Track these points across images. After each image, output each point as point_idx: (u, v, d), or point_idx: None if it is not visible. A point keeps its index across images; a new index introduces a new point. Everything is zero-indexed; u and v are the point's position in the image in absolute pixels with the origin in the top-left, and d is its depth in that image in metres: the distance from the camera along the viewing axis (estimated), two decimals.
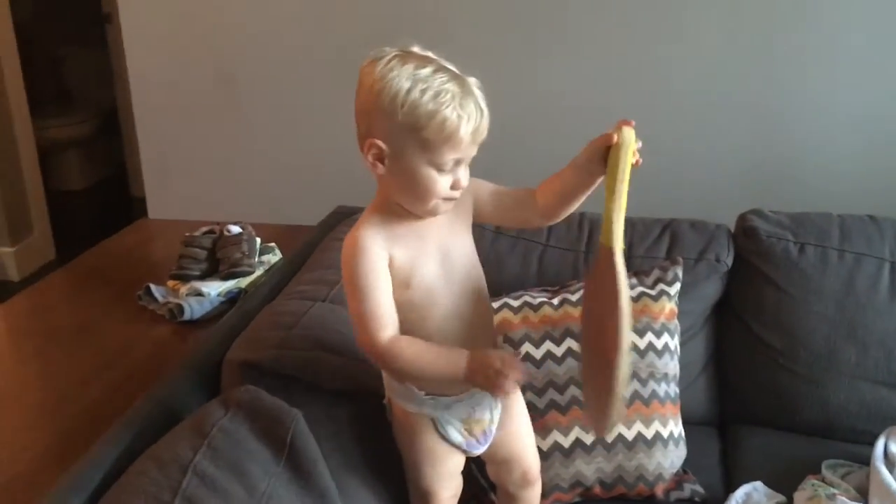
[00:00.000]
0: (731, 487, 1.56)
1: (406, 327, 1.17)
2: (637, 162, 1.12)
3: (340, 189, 2.03)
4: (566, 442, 1.52)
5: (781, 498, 1.51)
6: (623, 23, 2.46)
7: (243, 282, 1.73)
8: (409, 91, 1.07)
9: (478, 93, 1.11)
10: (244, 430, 1.14)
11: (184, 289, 1.68)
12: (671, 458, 1.56)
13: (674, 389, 1.62)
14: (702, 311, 1.79)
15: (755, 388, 1.77)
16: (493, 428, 1.30)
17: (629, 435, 1.54)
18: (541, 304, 1.62)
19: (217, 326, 1.49)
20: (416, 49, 1.13)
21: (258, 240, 1.84)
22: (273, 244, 1.89)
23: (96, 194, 4.90)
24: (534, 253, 1.79)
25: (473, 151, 1.13)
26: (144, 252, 1.88)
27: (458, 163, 1.12)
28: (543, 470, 1.49)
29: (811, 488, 1.48)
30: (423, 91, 1.07)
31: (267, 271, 1.77)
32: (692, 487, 1.57)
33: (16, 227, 3.75)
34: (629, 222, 1.80)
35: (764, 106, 2.46)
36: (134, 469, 1.08)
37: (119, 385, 1.44)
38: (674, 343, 1.64)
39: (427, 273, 1.18)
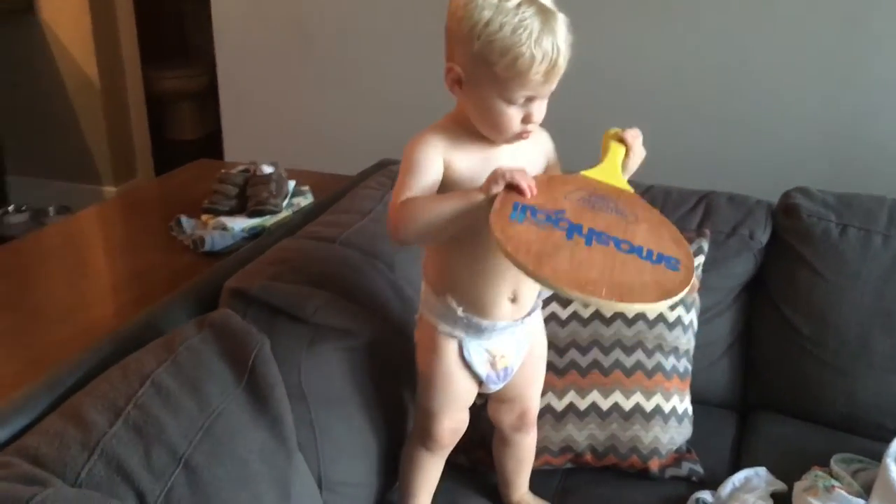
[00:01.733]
0: (735, 471, 1.50)
1: (465, 237, 1.16)
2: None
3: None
4: (559, 406, 1.50)
5: (781, 485, 1.44)
6: None
7: (269, 220, 1.78)
8: (487, 23, 1.06)
9: (562, 30, 1.08)
10: (211, 350, 1.18)
11: (211, 222, 1.76)
12: (671, 434, 1.51)
13: (684, 365, 1.56)
14: (730, 289, 1.71)
15: (780, 374, 1.68)
16: (515, 367, 1.31)
17: (626, 405, 1.49)
18: None
19: (228, 258, 1.55)
20: None
21: (291, 182, 1.89)
22: (306, 187, 1.93)
23: (206, 144, 5.14)
24: None
25: (549, 89, 1.11)
26: (195, 188, 1.97)
27: (530, 99, 1.10)
28: None
29: (812, 478, 1.40)
30: (502, 25, 1.05)
31: (295, 213, 1.82)
32: (691, 466, 1.52)
33: (120, 169, 3.99)
34: (665, 190, 1.75)
35: (852, 83, 2.30)
36: (103, 375, 1.14)
37: (128, 304, 1.53)
38: (689, 317, 1.58)
39: None
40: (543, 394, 1.49)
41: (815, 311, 1.63)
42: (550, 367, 1.51)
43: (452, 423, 1.33)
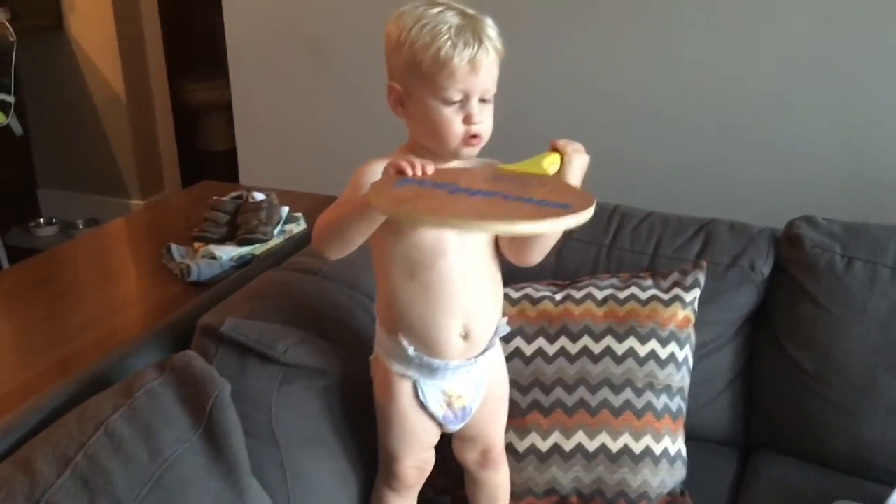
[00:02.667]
0: None
1: (413, 270, 1.18)
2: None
3: None
4: (544, 446, 1.45)
5: None
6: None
7: (258, 248, 1.76)
8: (410, 28, 1.10)
9: (485, 28, 1.10)
10: (170, 394, 1.16)
11: (201, 250, 1.74)
12: (661, 477, 1.45)
13: (677, 404, 1.50)
14: (731, 322, 1.64)
15: (783, 412, 1.61)
16: (473, 407, 1.28)
17: (614, 447, 1.44)
18: (541, 298, 1.55)
19: (209, 291, 1.53)
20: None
21: (285, 208, 1.87)
22: (300, 214, 1.91)
23: (234, 156, 5.17)
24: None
25: (481, 84, 1.10)
26: (195, 211, 1.96)
27: (466, 97, 1.10)
28: (517, 471, 1.44)
29: None
30: (423, 26, 1.09)
31: (287, 240, 1.80)
32: None
33: (147, 183, 4.03)
34: (663, 218, 1.69)
35: (866, 108, 2.19)
36: (61, 421, 1.13)
37: (106, 337, 1.52)
38: (683, 354, 1.51)
39: None
40: (527, 433, 1.45)
41: (819, 346, 1.55)
42: (536, 405, 1.47)
43: (416, 462, 1.31)
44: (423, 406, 1.25)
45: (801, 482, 1.52)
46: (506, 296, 1.54)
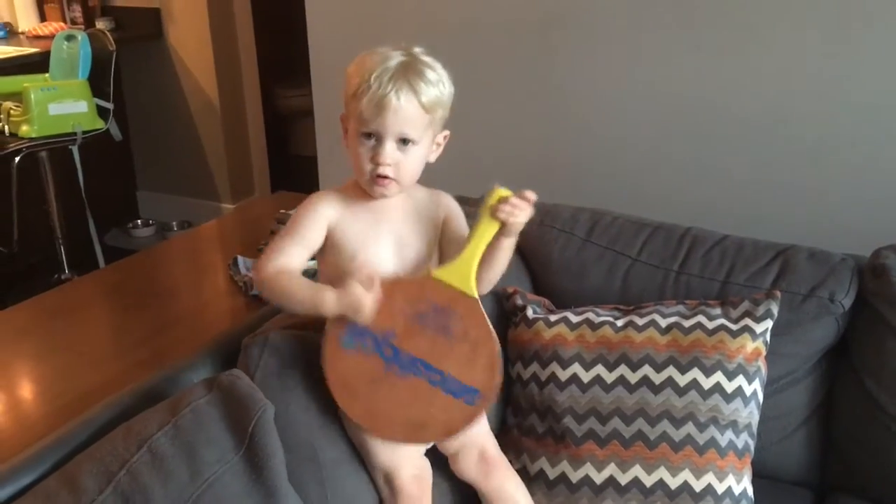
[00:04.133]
0: None
1: None
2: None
3: (493, 174, 2.00)
4: (598, 478, 1.39)
5: None
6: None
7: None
8: (354, 65, 1.18)
9: (415, 76, 1.14)
10: (215, 414, 1.17)
11: None
12: None
13: (743, 440, 1.42)
14: (807, 356, 1.55)
15: (862, 455, 1.50)
16: None
17: (673, 483, 1.37)
18: (602, 324, 1.49)
19: (266, 308, 1.54)
20: (416, 48, 1.21)
21: None
22: None
23: None
24: (621, 266, 1.65)
25: (392, 126, 1.15)
26: (265, 223, 1.99)
27: (378, 135, 1.16)
28: (570, 503, 1.39)
29: None
30: (361, 64, 1.16)
31: None
32: None
33: (238, 187, 4.15)
34: (738, 244, 1.62)
35: None
36: (108, 436, 1.15)
37: (167, 348, 1.55)
38: (751, 388, 1.43)
39: (375, 254, 1.24)
40: (582, 464, 1.41)
41: None
42: (591, 435, 1.42)
43: (414, 469, 1.28)
44: None
45: None
46: (565, 319, 1.52)
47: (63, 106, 3.20)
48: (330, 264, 1.26)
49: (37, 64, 3.47)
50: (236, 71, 4.02)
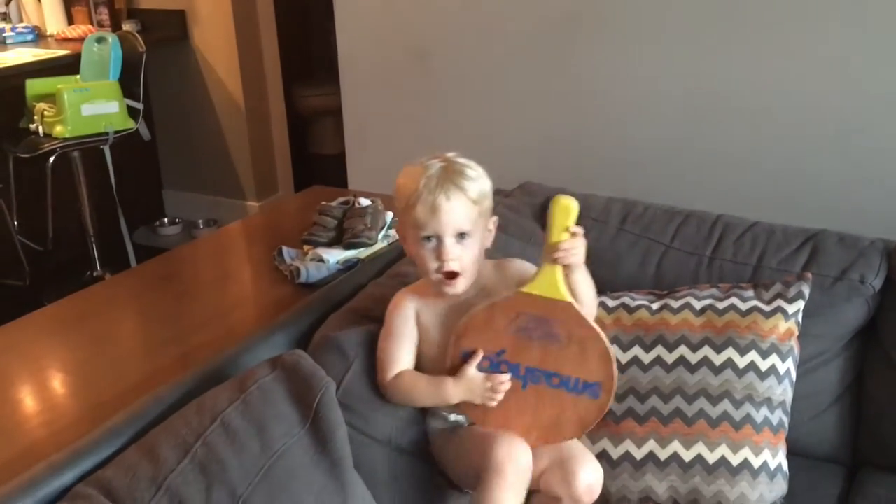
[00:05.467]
0: None
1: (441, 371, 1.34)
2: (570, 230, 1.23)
3: (527, 166, 2.06)
4: (638, 454, 1.45)
5: None
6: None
7: (364, 252, 1.83)
8: (400, 179, 1.31)
9: (456, 175, 1.26)
10: (281, 390, 1.24)
11: (310, 253, 1.83)
12: (760, 491, 1.43)
13: (778, 417, 1.47)
14: (839, 336, 1.60)
15: (893, 431, 1.55)
16: None
17: (710, 458, 1.43)
18: (638, 307, 1.55)
19: (317, 293, 1.61)
20: (450, 154, 1.32)
21: (389, 214, 1.93)
22: None
23: (343, 160, 5.33)
24: (654, 253, 1.71)
25: (448, 225, 1.25)
26: (304, 215, 2.05)
27: (437, 236, 1.26)
28: (611, 478, 1.46)
29: None
30: (407, 177, 1.29)
31: (390, 245, 1.87)
32: None
33: (263, 185, 4.21)
34: (768, 229, 1.67)
35: None
36: (181, 411, 1.22)
37: (223, 335, 1.61)
38: (785, 366, 1.49)
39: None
40: (622, 441, 1.47)
41: None
42: (630, 413, 1.48)
43: (509, 447, 1.25)
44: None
45: None
46: (602, 304, 1.57)
47: (95, 107, 3.27)
48: (421, 353, 1.38)
49: (67, 66, 3.54)
50: (260, 71, 4.09)
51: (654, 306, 1.55)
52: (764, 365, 1.47)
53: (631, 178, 2.48)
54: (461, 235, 1.27)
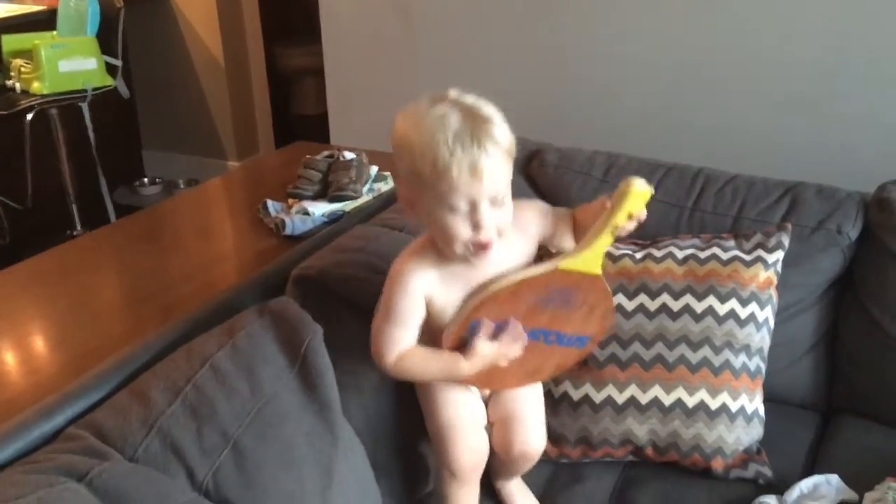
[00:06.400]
0: (808, 476, 1.44)
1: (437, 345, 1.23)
2: (634, 216, 1.16)
3: (511, 122, 2.06)
4: (620, 398, 1.48)
5: (852, 495, 1.38)
6: None
7: (349, 205, 1.84)
8: (410, 132, 1.08)
9: (487, 127, 1.06)
10: (268, 335, 1.25)
11: (295, 206, 1.84)
12: (737, 434, 1.47)
13: (756, 363, 1.51)
14: (815, 286, 1.63)
15: (866, 377, 1.60)
16: None
17: (690, 402, 1.47)
18: (622, 256, 1.58)
19: (302, 244, 1.62)
20: (451, 93, 1.12)
21: (374, 168, 1.94)
22: (387, 173, 1.98)
23: (326, 120, 5.29)
24: None
25: (487, 190, 1.06)
26: (290, 169, 2.05)
27: (472, 203, 1.07)
28: (594, 422, 1.49)
29: (884, 490, 1.33)
30: (420, 133, 1.06)
31: (375, 198, 1.88)
32: (758, 468, 1.47)
33: (243, 145, 4.19)
34: (748, 181, 1.70)
35: None
36: (171, 356, 1.23)
37: (207, 286, 1.63)
38: (763, 314, 1.52)
39: None
40: (604, 385, 1.49)
41: None
42: (613, 359, 1.50)
43: (471, 442, 1.30)
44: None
45: (880, 446, 1.51)
46: None
47: (73, 63, 3.23)
48: (426, 323, 1.23)
49: (43, 22, 3.49)
50: (240, 29, 4.05)
51: (638, 255, 1.57)
52: (744, 313, 1.50)
53: (614, 136, 2.49)
54: (494, 201, 1.08)
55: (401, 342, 1.21)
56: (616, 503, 1.45)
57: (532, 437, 1.35)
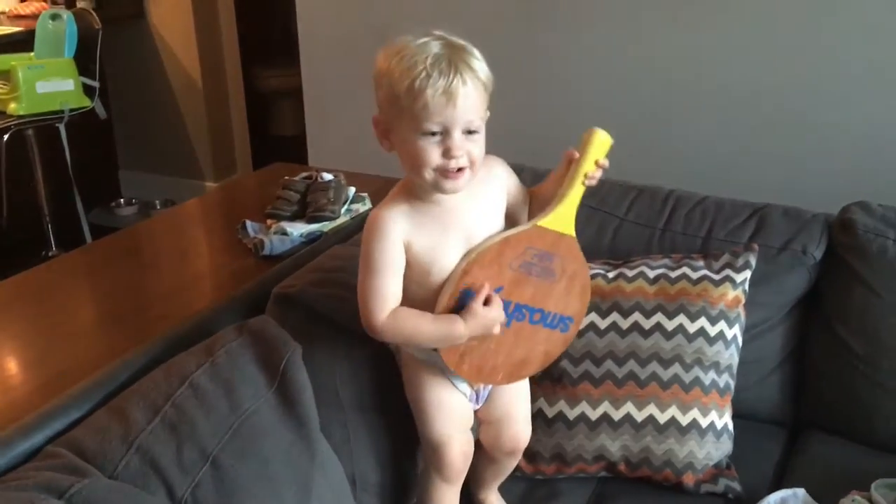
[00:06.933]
0: (776, 490, 1.48)
1: (425, 300, 1.22)
2: (600, 164, 1.22)
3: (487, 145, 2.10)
4: (593, 415, 1.52)
5: None
6: None
7: (327, 226, 1.86)
8: (390, 60, 1.11)
9: (465, 56, 1.11)
10: (247, 354, 1.27)
11: (274, 227, 1.86)
12: (707, 450, 1.50)
13: (725, 380, 1.55)
14: (782, 305, 1.68)
15: (832, 394, 1.64)
16: (489, 387, 1.36)
17: (661, 418, 1.50)
18: (595, 276, 1.61)
19: (281, 264, 1.64)
20: (436, 31, 1.15)
21: (351, 189, 1.97)
22: (366, 194, 2.01)
23: (303, 141, 5.31)
24: (609, 225, 1.77)
25: (460, 116, 1.10)
26: (268, 190, 2.07)
27: (446, 129, 1.11)
28: (567, 438, 1.52)
29: (847, 502, 1.37)
30: (402, 58, 1.10)
31: (353, 218, 1.90)
32: (728, 483, 1.51)
33: (221, 166, 4.20)
34: (717, 203, 1.74)
35: None
36: (150, 375, 1.24)
37: (185, 305, 1.64)
38: (732, 332, 1.56)
39: (448, 262, 1.21)
40: (578, 402, 1.53)
41: (869, 330, 1.58)
42: (586, 376, 1.54)
43: (462, 445, 1.34)
44: (453, 385, 1.32)
45: (846, 461, 1.55)
46: None
47: (51, 84, 3.24)
48: (406, 278, 1.22)
49: (21, 43, 3.49)
50: (218, 50, 4.07)
51: (610, 275, 1.61)
52: (713, 331, 1.54)
53: None
54: (469, 132, 1.12)
55: (387, 294, 1.19)
56: None
57: (522, 432, 1.41)
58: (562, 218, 1.23)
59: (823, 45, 2.25)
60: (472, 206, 1.22)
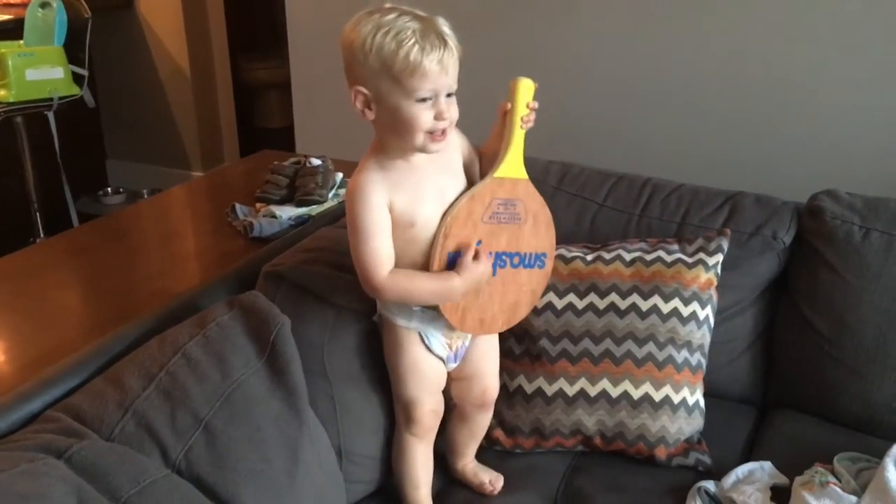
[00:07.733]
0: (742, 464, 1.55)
1: (415, 260, 1.31)
2: (530, 106, 1.32)
3: (470, 135, 2.16)
4: (570, 391, 1.58)
5: (783, 479, 1.48)
6: None
7: (315, 210, 1.92)
8: (373, 35, 1.19)
9: (443, 28, 1.22)
10: (238, 326, 1.32)
11: (263, 210, 1.91)
12: (679, 425, 1.57)
13: (697, 359, 1.61)
14: (753, 288, 1.75)
15: (799, 373, 1.71)
16: (466, 345, 1.44)
17: (635, 394, 1.56)
18: (573, 259, 1.67)
19: (271, 244, 1.69)
20: (387, 5, 1.25)
21: (339, 174, 2.02)
22: None
23: (290, 133, 5.35)
24: (588, 211, 1.83)
25: (448, 82, 1.23)
26: (256, 176, 2.12)
27: (436, 94, 1.22)
28: (546, 413, 1.58)
29: (811, 474, 1.43)
30: (386, 32, 1.19)
31: (340, 203, 1.95)
32: (698, 457, 1.57)
33: (208, 156, 4.24)
34: (693, 190, 1.80)
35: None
36: (145, 345, 1.29)
37: (175, 284, 1.69)
38: (704, 313, 1.62)
39: (426, 212, 1.31)
40: (556, 379, 1.58)
41: (835, 312, 1.65)
42: (564, 354, 1.59)
43: (430, 405, 1.44)
44: (430, 350, 1.40)
45: (812, 436, 1.62)
46: None
47: (40, 72, 3.26)
48: (397, 238, 1.30)
49: (10, 31, 3.51)
50: (206, 40, 4.10)
51: (588, 258, 1.67)
52: (686, 311, 1.61)
53: (568, 147, 2.60)
54: (448, 95, 1.24)
55: (382, 253, 1.28)
56: (566, 489, 1.53)
57: (491, 387, 1.52)
58: (513, 164, 1.33)
59: (793, 37, 2.32)
60: (437, 164, 1.33)
